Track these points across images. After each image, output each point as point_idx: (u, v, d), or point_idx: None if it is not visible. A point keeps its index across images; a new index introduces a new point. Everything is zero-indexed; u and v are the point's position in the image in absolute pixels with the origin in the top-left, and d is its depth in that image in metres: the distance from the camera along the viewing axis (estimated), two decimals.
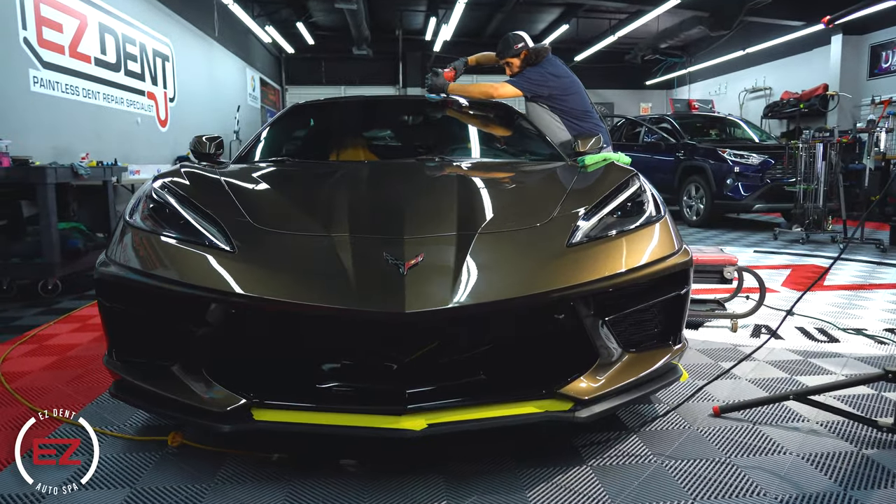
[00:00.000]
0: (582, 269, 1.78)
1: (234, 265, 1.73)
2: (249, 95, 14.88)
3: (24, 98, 5.74)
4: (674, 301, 2.02)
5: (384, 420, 1.62)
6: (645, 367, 1.93)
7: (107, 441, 2.04)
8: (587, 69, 17.51)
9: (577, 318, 1.76)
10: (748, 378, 2.59)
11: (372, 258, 1.71)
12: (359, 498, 1.68)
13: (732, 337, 3.21)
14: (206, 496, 1.70)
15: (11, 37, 5.58)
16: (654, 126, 9.65)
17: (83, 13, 6.87)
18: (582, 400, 1.73)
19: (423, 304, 1.58)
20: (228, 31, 12.43)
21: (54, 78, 6.21)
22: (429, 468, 1.82)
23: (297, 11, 14.41)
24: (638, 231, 2.00)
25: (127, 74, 7.97)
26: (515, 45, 3.74)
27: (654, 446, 1.97)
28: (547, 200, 2.14)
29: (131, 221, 2.01)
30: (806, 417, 2.16)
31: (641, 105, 17.79)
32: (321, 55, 17.85)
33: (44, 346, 3.17)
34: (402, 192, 2.19)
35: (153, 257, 1.84)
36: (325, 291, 1.62)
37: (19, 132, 5.48)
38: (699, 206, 8.47)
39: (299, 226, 1.90)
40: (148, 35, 8.69)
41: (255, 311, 1.66)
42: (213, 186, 2.20)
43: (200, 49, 11.16)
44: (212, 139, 3.06)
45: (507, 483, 1.75)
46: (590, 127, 3.77)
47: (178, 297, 1.73)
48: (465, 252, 1.75)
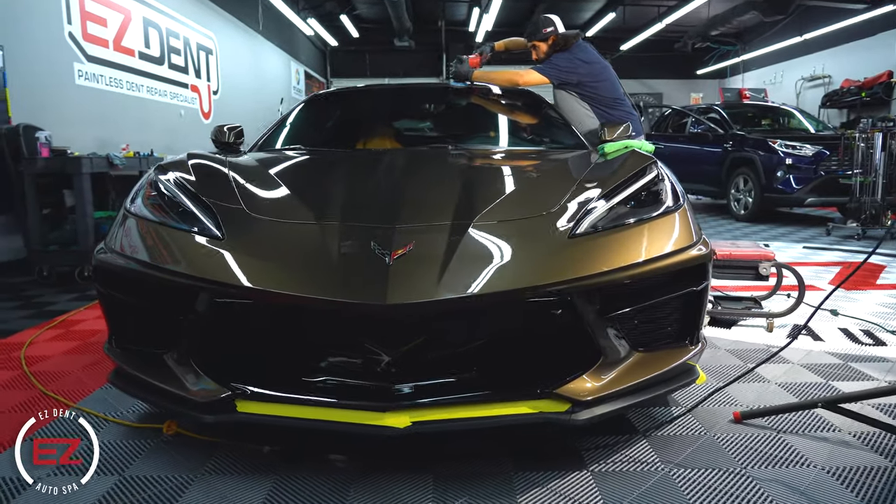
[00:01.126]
0: (583, 261, 1.67)
1: (219, 253, 1.69)
2: (294, 88, 15.09)
3: (69, 91, 5.93)
4: (689, 297, 1.88)
5: (367, 416, 1.55)
6: (656, 368, 1.81)
7: (106, 427, 2.05)
8: (634, 58, 17.05)
9: (577, 313, 1.64)
10: (778, 382, 2.41)
11: (359, 247, 1.64)
12: (343, 494, 1.63)
13: (767, 337, 3.01)
14: (190, 487, 1.67)
15: (56, 32, 5.77)
16: (702, 116, 9.27)
17: (127, 8, 7.05)
18: (580, 401, 1.62)
19: (406, 295, 1.50)
20: (273, 25, 12.61)
21: (98, 71, 6.40)
22: (421, 467, 1.75)
23: (340, 4, 14.50)
24: (650, 222, 1.87)
25: (170, 68, 8.17)
26: (544, 29, 3.60)
27: (664, 452, 1.84)
28: (555, 189, 2.03)
29: (130, 208, 2.00)
30: (838, 427, 1.98)
31: (692, 95, 17.18)
32: (365, 47, 17.95)
33: (69, 331, 3.25)
34: (403, 180, 2.11)
35: (144, 244, 1.83)
36: (307, 280, 1.56)
37: (64, 123, 5.67)
38: (748, 199, 8.09)
39: (291, 213, 1.85)
40: (192, 29, 8.88)
41: (237, 299, 1.62)
42: (214, 174, 2.17)
43: (244, 42, 11.35)
44: (232, 128, 3.07)
45: (499, 486, 1.66)
46: (620, 115, 3.61)
47: (164, 284, 1.70)
48: (457, 242, 1.66)
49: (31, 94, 5.23)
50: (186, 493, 1.64)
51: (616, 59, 17.53)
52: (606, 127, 3.14)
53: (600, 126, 3.23)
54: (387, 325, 1.55)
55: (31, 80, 5.26)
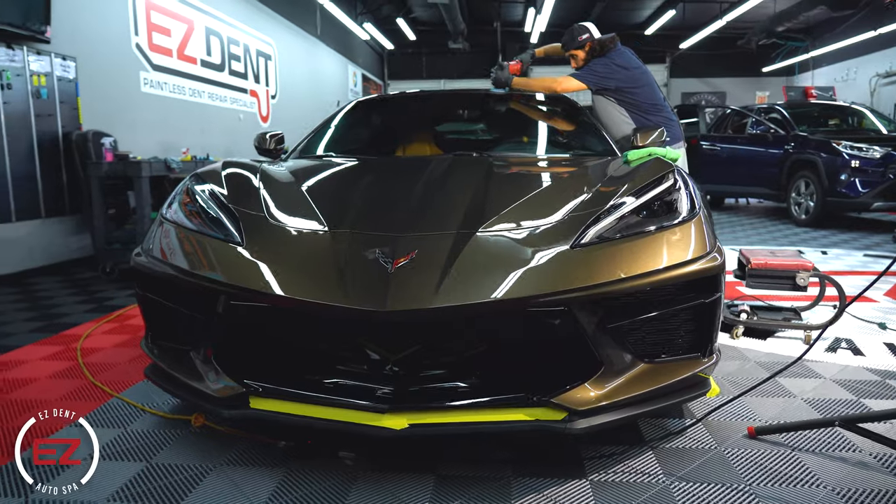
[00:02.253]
0: (583, 272, 1.69)
1: (237, 258, 1.81)
2: (350, 91, 15.44)
3: (136, 98, 6.32)
4: (700, 309, 1.86)
5: (367, 417, 1.62)
6: (663, 380, 1.80)
7: (143, 417, 2.21)
8: (695, 57, 16.55)
9: (576, 323, 1.66)
10: (805, 397, 2.34)
11: (365, 255, 1.72)
12: (345, 489, 1.71)
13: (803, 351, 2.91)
14: (208, 475, 1.80)
15: (124, 43, 6.16)
16: (763, 116, 8.92)
17: (190, 18, 7.43)
18: (577, 410, 1.65)
19: (404, 302, 1.56)
20: (330, 30, 12.95)
21: (162, 79, 6.78)
22: (425, 468, 1.81)
23: (397, 7, 14.74)
24: (659, 233, 1.86)
25: (231, 74, 8.54)
26: (580, 37, 3.60)
27: (668, 464, 1.83)
28: (567, 198, 2.04)
29: (164, 214, 2.16)
30: (859, 448, 1.91)
31: (757, 94, 16.50)
32: (422, 50, 18.17)
33: (123, 325, 3.49)
34: (418, 189, 2.17)
35: (173, 248, 1.97)
36: (313, 286, 1.65)
37: (130, 129, 6.05)
38: (809, 203, 7.73)
39: (307, 221, 1.95)
40: (251, 36, 9.25)
41: (249, 302, 1.72)
42: (244, 183, 2.30)
43: (302, 47, 11.71)
44: (273, 136, 3.25)
45: (497, 490, 1.70)
46: (659, 120, 3.56)
47: (188, 286, 1.83)
48: (459, 251, 1.72)
49: (100, 102, 5.61)
50: (204, 481, 1.77)
51: (676, 57, 17.08)
52: (639, 132, 3.12)
53: (633, 131, 3.21)
54: (386, 331, 1.62)
55: (101, 90, 5.64)
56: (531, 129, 3.44)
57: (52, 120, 5.05)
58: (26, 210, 4.82)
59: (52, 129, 5.05)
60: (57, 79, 5.10)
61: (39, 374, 2.68)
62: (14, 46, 4.66)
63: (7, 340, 3.22)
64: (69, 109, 5.24)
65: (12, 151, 4.68)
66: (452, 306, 1.57)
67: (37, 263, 4.96)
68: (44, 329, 3.42)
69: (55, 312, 3.80)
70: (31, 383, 2.57)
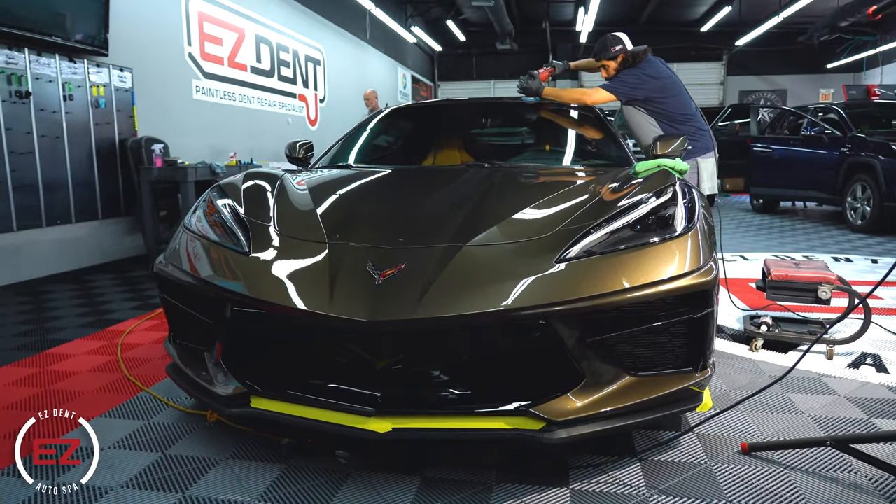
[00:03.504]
0: (565, 286, 1.73)
1: (242, 267, 1.94)
2: (400, 93, 15.67)
3: (188, 105, 6.66)
4: (689, 324, 1.87)
5: (354, 419, 1.72)
6: (650, 393, 1.83)
7: (166, 411, 2.39)
8: (753, 53, 15.98)
9: (556, 336, 1.71)
10: (813, 414, 2.30)
11: (357, 266, 1.82)
12: (336, 487, 1.81)
13: (824, 366, 2.84)
14: (213, 468, 1.94)
15: (178, 53, 6.50)
16: (818, 116, 8.56)
17: (241, 27, 7.75)
18: (556, 421, 1.69)
19: (387, 313, 1.65)
20: (379, 33, 13.20)
21: (213, 86, 7.11)
22: (412, 470, 1.90)
23: (446, 8, 14.86)
24: (649, 247, 1.88)
25: (280, 79, 8.85)
26: (613, 48, 3.59)
27: (653, 477, 1.85)
28: (564, 211, 2.09)
29: (186, 222, 2.32)
30: (855, 469, 1.88)
31: (821, 92, 15.80)
32: (472, 51, 18.24)
33: (162, 322, 3.72)
34: (419, 200, 2.26)
35: (188, 255, 2.12)
36: (306, 295, 1.76)
37: (182, 135, 6.39)
38: (865, 208, 7.38)
39: (308, 232, 2.07)
40: (301, 42, 9.56)
41: (249, 308, 1.85)
42: (260, 193, 2.44)
43: (351, 51, 11.99)
44: (302, 145, 3.43)
45: (478, 495, 1.77)
46: (690, 130, 3.52)
47: (198, 291, 1.98)
48: (445, 264, 1.79)
49: (154, 109, 5.95)
50: (209, 473, 1.91)
51: (733, 54, 16.52)
52: (660, 141, 3.11)
53: (654, 140, 3.19)
54: (370, 339, 1.72)
55: (155, 98, 5.99)
56: (550, 140, 3.47)
57: (109, 127, 5.40)
58: (85, 212, 5.18)
59: (109, 136, 5.40)
60: (114, 89, 5.45)
61: (82, 368, 2.91)
62: (75, 60, 5.02)
63: (60, 334, 3.50)
64: (125, 117, 5.59)
65: (73, 158, 5.04)
66: (432, 318, 1.65)
67: (94, 261, 5.32)
68: (93, 324, 3.70)
69: (105, 308, 4.08)
70: (72, 376, 2.80)
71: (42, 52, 4.71)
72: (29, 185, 4.66)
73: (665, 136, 3.20)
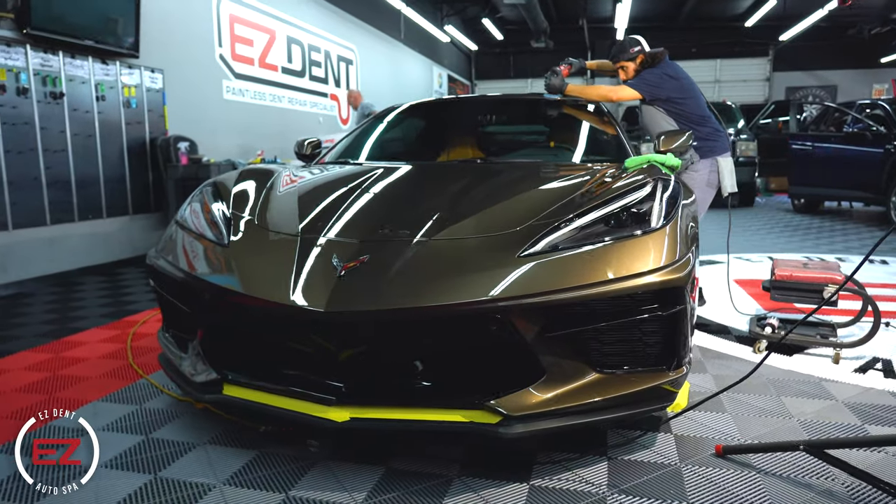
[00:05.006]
0: (524, 281, 1.72)
1: (219, 258, 2.01)
2: (435, 92, 15.74)
3: (218, 105, 6.86)
4: (660, 321, 1.84)
5: (315, 408, 1.76)
6: (618, 390, 1.81)
7: (160, 397, 2.48)
8: (800, 48, 15.39)
9: (515, 330, 1.71)
10: (804, 419, 2.21)
11: (323, 258, 1.85)
12: (300, 474, 1.86)
13: (830, 370, 2.73)
14: (190, 451, 2.01)
15: (209, 55, 6.71)
16: (863, 113, 8.18)
17: (272, 28, 7.94)
18: (513, 416, 1.69)
19: (343, 304, 1.68)
20: (414, 33, 13.27)
21: (244, 87, 7.31)
22: (378, 461, 1.92)
23: (482, 7, 14.82)
24: (617, 243, 1.85)
25: (311, 79, 9.02)
26: (631, 49, 3.56)
27: (617, 476, 1.83)
28: (539, 206, 2.08)
29: (177, 215, 2.41)
30: (833, 475, 1.80)
31: (875, 87, 15.02)
32: (509, 49, 18.15)
33: None
34: (398, 195, 2.28)
35: (175, 247, 2.20)
36: (269, 286, 1.81)
37: (212, 134, 6.58)
38: None
39: (285, 225, 2.11)
40: (333, 43, 9.71)
41: (220, 297, 1.91)
42: (251, 188, 2.50)
43: (385, 51, 12.10)
44: (310, 142, 3.51)
45: (436, 486, 1.78)
46: (708, 132, 3.49)
47: (180, 282, 2.05)
48: (408, 258, 1.81)
49: (185, 109, 6.16)
50: (184, 456, 1.98)
51: (779, 49, 15.94)
52: (662, 137, 3.05)
53: (656, 137, 3.14)
54: (328, 330, 1.75)
55: (186, 98, 6.19)
56: (554, 136, 3.44)
57: (140, 127, 5.62)
58: (116, 207, 5.41)
59: (140, 135, 5.62)
60: (146, 89, 5.67)
61: (92, 354, 3.05)
62: (108, 62, 5.24)
63: (80, 323, 3.67)
64: (156, 117, 5.80)
65: (105, 156, 5.26)
66: (385, 309, 1.67)
67: (124, 255, 5.55)
68: (112, 314, 3.86)
69: (126, 300, 4.26)
70: (82, 362, 2.94)
71: (76, 54, 4.93)
72: (62, 182, 4.89)
73: (669, 131, 3.14)
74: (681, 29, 16.24)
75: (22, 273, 4.63)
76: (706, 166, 3.54)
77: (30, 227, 4.66)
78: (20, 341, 3.32)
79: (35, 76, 4.62)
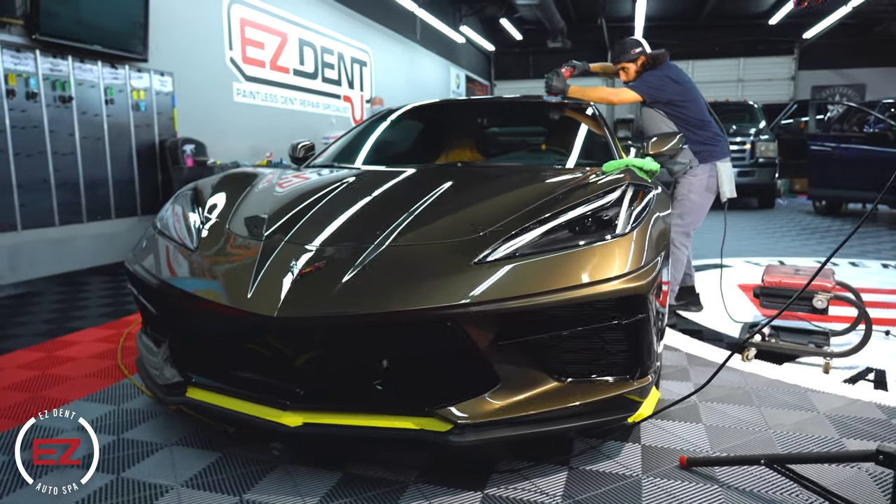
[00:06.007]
0: (476, 288, 1.70)
1: (184, 262, 2.03)
2: (453, 92, 15.72)
3: (228, 107, 6.95)
4: (621, 330, 1.81)
5: (270, 412, 1.77)
6: (578, 399, 1.78)
7: (140, 397, 2.52)
8: (827, 46, 15.01)
9: (467, 338, 1.69)
10: (780, 431, 2.15)
11: (282, 264, 1.86)
12: (259, 477, 1.87)
13: (818, 380, 2.65)
14: (156, 452, 2.04)
15: (219, 58, 6.80)
16: (887, 113, 7.95)
17: (284, 31, 8.01)
18: (465, 423, 1.68)
19: (295, 310, 1.69)
20: (431, 34, 13.27)
21: (254, 89, 7.39)
22: (336, 465, 1.92)
23: (499, 6, 14.77)
24: (576, 250, 1.83)
25: (324, 81, 9.08)
26: (633, 51, 3.52)
27: (574, 486, 1.80)
28: (504, 211, 2.06)
29: (156, 218, 2.44)
30: (796, 491, 1.75)
31: None
32: (528, 49, 18.05)
33: None
34: (363, 200, 2.28)
35: (148, 250, 2.23)
36: (227, 290, 1.82)
37: (222, 136, 6.67)
38: None
39: (252, 230, 2.13)
40: (346, 45, 9.76)
41: (183, 301, 1.93)
42: (229, 192, 2.52)
43: (400, 53, 12.13)
44: (304, 145, 3.55)
45: (389, 493, 1.78)
46: (708, 136, 3.44)
47: (150, 285, 2.08)
48: (362, 264, 1.81)
49: (195, 111, 6.25)
50: (149, 457, 2.01)
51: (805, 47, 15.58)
52: (652, 140, 3.01)
53: (646, 139, 3.09)
54: (280, 335, 1.75)
55: (196, 101, 6.28)
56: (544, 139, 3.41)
57: (149, 129, 5.72)
58: (124, 208, 5.51)
59: (149, 138, 5.72)
60: (155, 93, 5.76)
61: (83, 354, 3.11)
62: (117, 66, 5.35)
63: (78, 322, 3.75)
64: (166, 119, 5.90)
65: (114, 158, 5.37)
66: (334, 315, 1.67)
67: None
68: (111, 314, 3.94)
69: (127, 300, 4.33)
70: (72, 361, 3.00)
71: (85, 59, 5.04)
72: (71, 184, 5.00)
73: (660, 135, 3.09)
74: (702, 27, 15.97)
75: (31, 273, 4.75)
76: (705, 171, 3.47)
77: (39, 228, 4.78)
78: (19, 339, 3.40)
79: (44, 81, 4.73)
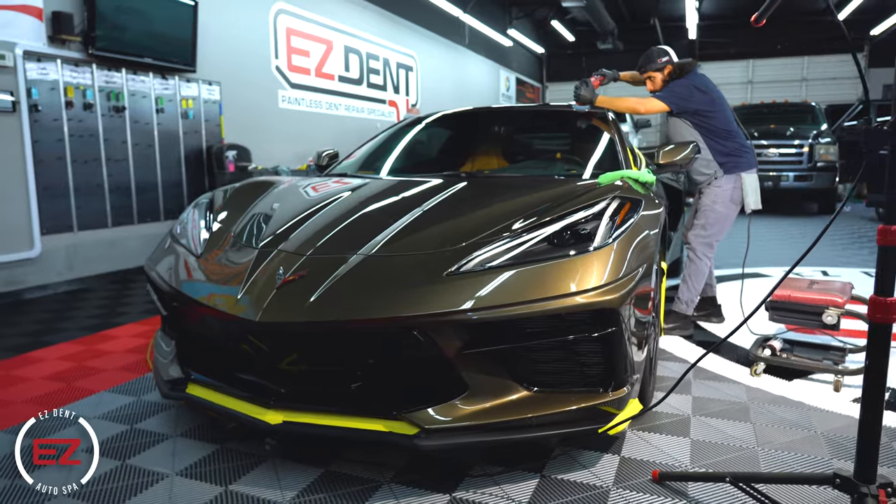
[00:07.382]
0: (445, 298, 1.77)
1: (188, 267, 2.19)
2: (503, 95, 15.73)
3: (274, 114, 7.24)
4: (593, 342, 1.84)
5: (255, 410, 1.89)
6: (550, 408, 1.83)
7: (156, 391, 2.71)
8: None
9: (435, 346, 1.76)
10: (770, 448, 2.12)
11: (271, 271, 1.99)
12: (246, 470, 2.00)
13: (827, 398, 2.57)
14: (161, 442, 2.20)
15: (265, 67, 7.09)
16: None
17: (329, 39, 8.26)
18: (429, 429, 1.75)
19: (275, 316, 1.80)
20: (480, 37, 13.34)
21: (300, 96, 7.66)
22: (320, 463, 2.03)
23: (551, 8, 14.69)
24: (553, 262, 1.87)
25: (369, 87, 9.30)
26: (659, 59, 3.49)
27: (542, 494, 1.84)
28: (486, 224, 2.11)
29: (175, 225, 2.63)
30: None
31: None
32: (581, 51, 17.85)
33: None
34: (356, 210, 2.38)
35: (161, 255, 2.41)
36: (218, 295, 1.96)
37: (268, 142, 6.97)
38: None
39: (253, 237, 2.27)
40: (392, 50, 9.96)
41: (184, 303, 2.08)
42: (243, 199, 2.69)
43: (448, 57, 12.25)
44: (328, 153, 3.69)
45: (362, 492, 1.87)
46: (734, 147, 3.39)
47: (160, 287, 2.25)
48: (343, 272, 1.91)
49: (241, 118, 6.55)
50: (153, 447, 2.17)
51: (875, 44, 14.74)
52: (661, 150, 3.00)
53: (657, 149, 3.08)
54: (262, 338, 1.87)
55: (242, 108, 6.59)
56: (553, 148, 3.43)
57: (197, 136, 6.05)
58: (173, 211, 5.85)
59: (197, 144, 6.05)
60: (203, 101, 6.09)
61: (119, 348, 3.36)
62: (167, 77, 5.69)
63: (120, 318, 4.03)
64: (213, 126, 6.22)
65: (163, 164, 5.71)
66: (310, 321, 1.78)
67: None
68: (151, 311, 4.20)
69: None
70: (107, 354, 3.24)
71: (137, 71, 5.39)
72: (123, 188, 5.36)
73: (672, 144, 3.07)
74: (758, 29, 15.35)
75: (86, 270, 5.12)
76: (730, 182, 3.40)
77: (93, 230, 5.14)
78: (66, 333, 3.69)
79: (100, 92, 5.09)
